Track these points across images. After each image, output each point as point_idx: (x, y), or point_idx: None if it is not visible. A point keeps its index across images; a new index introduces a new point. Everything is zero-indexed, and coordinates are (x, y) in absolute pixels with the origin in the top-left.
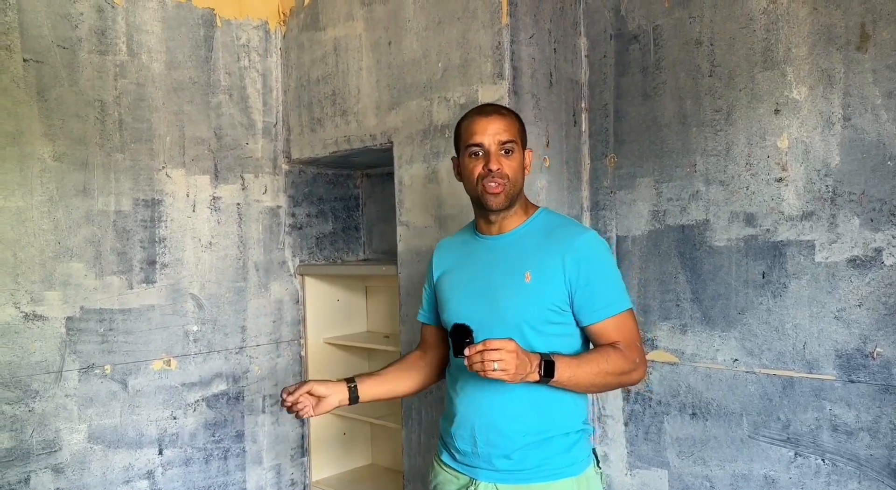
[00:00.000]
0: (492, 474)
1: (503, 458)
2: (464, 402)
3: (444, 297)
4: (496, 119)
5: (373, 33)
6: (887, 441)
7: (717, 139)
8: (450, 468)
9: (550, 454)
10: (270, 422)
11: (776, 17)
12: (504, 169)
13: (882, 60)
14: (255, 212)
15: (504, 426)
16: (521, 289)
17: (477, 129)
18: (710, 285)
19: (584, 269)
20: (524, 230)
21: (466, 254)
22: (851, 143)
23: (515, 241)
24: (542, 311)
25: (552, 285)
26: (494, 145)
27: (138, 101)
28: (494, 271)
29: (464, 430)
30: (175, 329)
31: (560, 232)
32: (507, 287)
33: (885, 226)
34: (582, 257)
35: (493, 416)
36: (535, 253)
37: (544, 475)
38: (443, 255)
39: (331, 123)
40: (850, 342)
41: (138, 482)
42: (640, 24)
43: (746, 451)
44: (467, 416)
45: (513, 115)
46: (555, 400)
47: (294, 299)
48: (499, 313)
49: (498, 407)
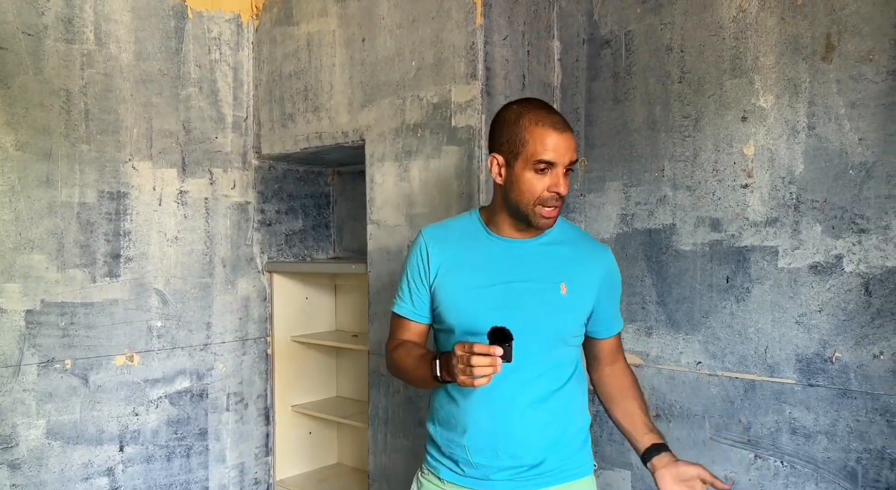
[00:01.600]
0: (508, 485)
1: (523, 468)
2: (483, 415)
3: (451, 298)
4: (568, 134)
5: (346, 29)
6: (844, 444)
7: (685, 145)
8: (452, 485)
9: (567, 454)
10: (234, 420)
11: (745, 26)
12: (565, 190)
13: (846, 71)
14: (223, 207)
15: (533, 439)
16: (559, 302)
17: (552, 145)
18: (675, 289)
19: (611, 286)
20: (549, 238)
21: (478, 251)
22: (815, 152)
23: (543, 249)
24: (577, 326)
25: (585, 299)
26: (563, 166)
27: (105, 91)
28: (521, 278)
29: (481, 442)
30: (138, 324)
31: (585, 245)
32: (543, 299)
33: (846, 233)
34: (610, 275)
35: (521, 429)
36: (568, 264)
37: (562, 477)
38: (440, 247)
39: (302, 119)
40: (810, 347)
41: (98, 479)
42: (612, 29)
43: (708, 453)
44: (488, 429)
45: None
46: (575, 404)
47: (261, 296)
48: (535, 326)
49: (525, 420)
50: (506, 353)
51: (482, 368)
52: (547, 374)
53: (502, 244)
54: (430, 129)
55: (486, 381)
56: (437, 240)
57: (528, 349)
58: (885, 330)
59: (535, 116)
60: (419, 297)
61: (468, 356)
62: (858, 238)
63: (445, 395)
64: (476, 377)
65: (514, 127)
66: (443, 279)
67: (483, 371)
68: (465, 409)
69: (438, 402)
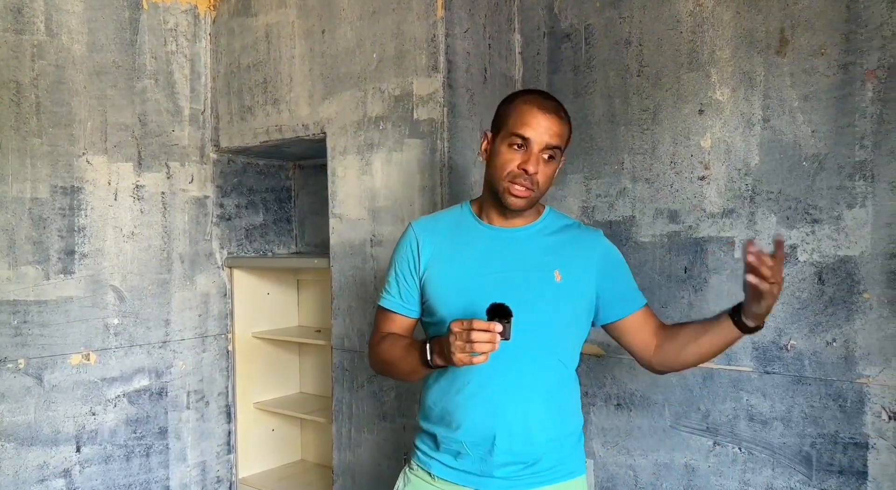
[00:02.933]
0: (502, 483)
1: (520, 465)
2: (478, 409)
3: (442, 288)
4: (553, 118)
5: (306, 21)
6: (799, 429)
7: (644, 138)
8: (443, 481)
9: (565, 453)
10: (195, 418)
11: (702, 20)
12: (539, 175)
13: (799, 64)
14: (181, 201)
15: (530, 434)
16: (553, 289)
17: (530, 121)
18: (635, 279)
19: (611, 267)
20: (539, 227)
21: (467, 241)
22: (770, 144)
23: (533, 237)
24: (572, 312)
25: (582, 285)
26: (540, 146)
27: (57, 83)
28: (513, 267)
29: (477, 437)
30: (95, 322)
31: (577, 232)
32: (536, 286)
33: (800, 223)
34: (607, 256)
35: (518, 423)
36: (559, 252)
37: (560, 475)
38: (431, 238)
39: (262, 112)
40: (766, 335)
41: (54, 481)
42: (572, 22)
43: (668, 441)
44: (484, 423)
45: (568, 118)
46: (572, 398)
47: (221, 292)
48: (530, 315)
49: (522, 413)
50: (505, 330)
51: (481, 345)
52: (545, 368)
53: (493, 233)
54: (392, 121)
55: (484, 358)
56: (427, 231)
57: (523, 339)
58: (838, 317)
59: (529, 98)
60: (408, 290)
61: (467, 332)
62: (812, 228)
63: (438, 391)
64: (474, 354)
65: (508, 106)
66: (433, 271)
67: (482, 347)
68: (460, 403)
69: (431, 399)
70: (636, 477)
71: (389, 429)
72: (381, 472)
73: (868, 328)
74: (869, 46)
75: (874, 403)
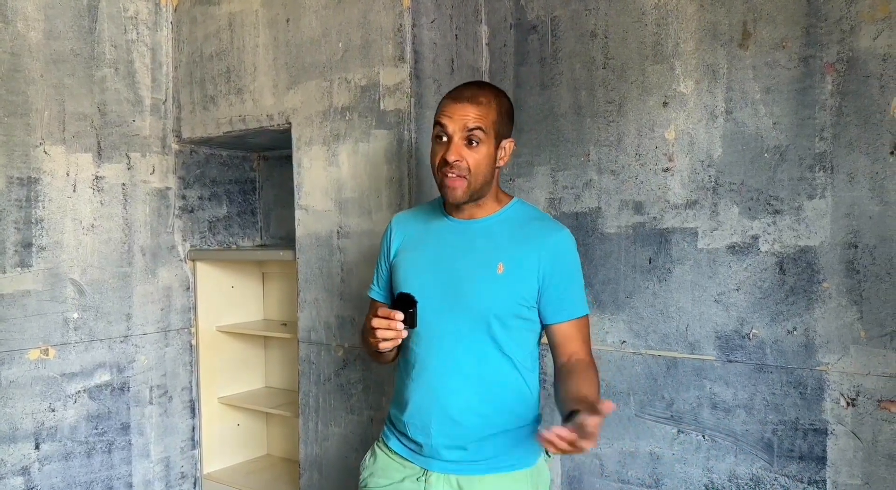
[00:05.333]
0: (445, 465)
1: (459, 449)
2: (419, 392)
3: (402, 276)
4: (467, 104)
5: (270, 9)
6: (761, 417)
7: (610, 130)
8: (398, 456)
9: (507, 445)
10: (158, 413)
11: (666, 13)
12: (466, 161)
13: (761, 57)
14: (142, 193)
15: (462, 418)
16: (493, 280)
17: (444, 111)
18: (601, 271)
19: (558, 267)
20: (497, 219)
21: (431, 232)
22: (733, 136)
23: (487, 229)
24: (512, 305)
25: (525, 279)
26: (458, 132)
27: (13, 71)
28: (462, 257)
29: (418, 420)
30: (53, 316)
31: (536, 225)
32: (476, 276)
33: (762, 214)
34: (558, 255)
35: (451, 407)
36: (508, 244)
37: (500, 466)
38: (403, 229)
39: (225, 102)
40: (728, 324)
41: (12, 479)
42: (538, 14)
43: (633, 429)
44: (423, 405)
45: (494, 99)
46: (512, 391)
47: (184, 286)
48: (465, 303)
49: (455, 398)
50: (408, 318)
51: (382, 331)
52: (484, 358)
53: (452, 225)
54: (358, 112)
55: (387, 344)
56: (402, 223)
57: (460, 328)
58: (798, 306)
59: (450, 91)
60: (384, 278)
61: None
62: (773, 219)
63: (398, 374)
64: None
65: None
66: (398, 259)
67: (383, 334)
68: (408, 385)
69: (396, 382)
70: (602, 465)
71: (357, 422)
72: (349, 466)
73: (827, 317)
74: (829, 40)
75: (833, 390)
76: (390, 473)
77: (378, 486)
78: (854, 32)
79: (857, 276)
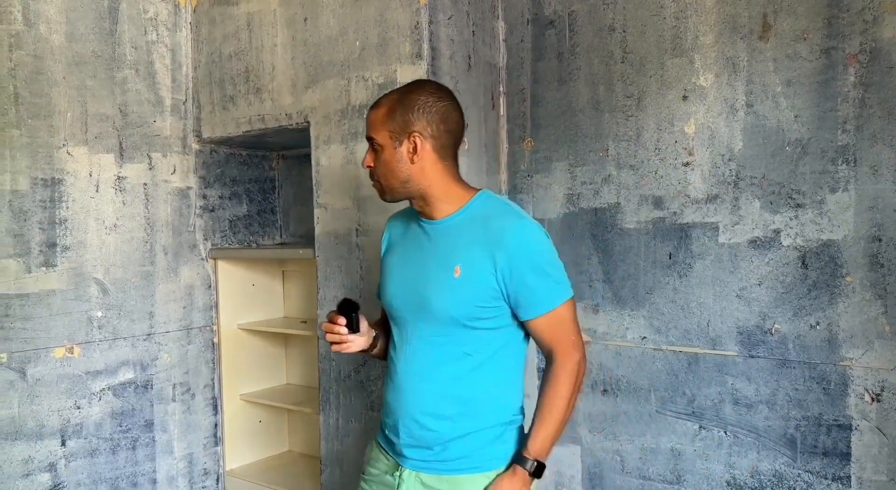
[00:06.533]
0: (415, 463)
1: (424, 449)
2: (392, 393)
3: (383, 279)
4: (371, 112)
5: (288, 9)
6: (783, 412)
7: (629, 124)
8: (383, 449)
9: (474, 447)
10: (181, 410)
11: (685, 6)
12: (374, 167)
13: (782, 50)
14: (164, 193)
15: (424, 421)
16: (450, 284)
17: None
18: (620, 266)
19: (518, 265)
20: (457, 219)
21: (408, 235)
22: (753, 129)
23: (448, 230)
24: (471, 309)
25: (482, 282)
26: (369, 141)
27: (36, 74)
28: (426, 261)
29: (390, 420)
30: (78, 315)
31: (493, 224)
32: (435, 281)
33: (784, 208)
34: (513, 254)
35: (414, 410)
36: (466, 245)
37: (467, 467)
38: (391, 232)
39: (244, 101)
40: (750, 319)
41: (39, 475)
42: (556, 9)
43: (654, 426)
44: (393, 406)
45: (391, 101)
46: (481, 395)
47: (206, 284)
48: (428, 308)
49: (418, 401)
50: (350, 323)
51: (330, 335)
52: (448, 360)
53: (422, 227)
54: None
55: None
56: (390, 225)
57: (424, 332)
58: (821, 301)
59: None
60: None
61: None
62: (795, 213)
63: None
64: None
65: None
66: (383, 261)
67: (330, 339)
68: (386, 385)
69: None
70: (623, 462)
71: (376, 418)
72: None
73: (851, 311)
74: (851, 31)
75: (857, 385)
76: (378, 465)
77: (370, 475)
78: (877, 23)
79: (881, 270)
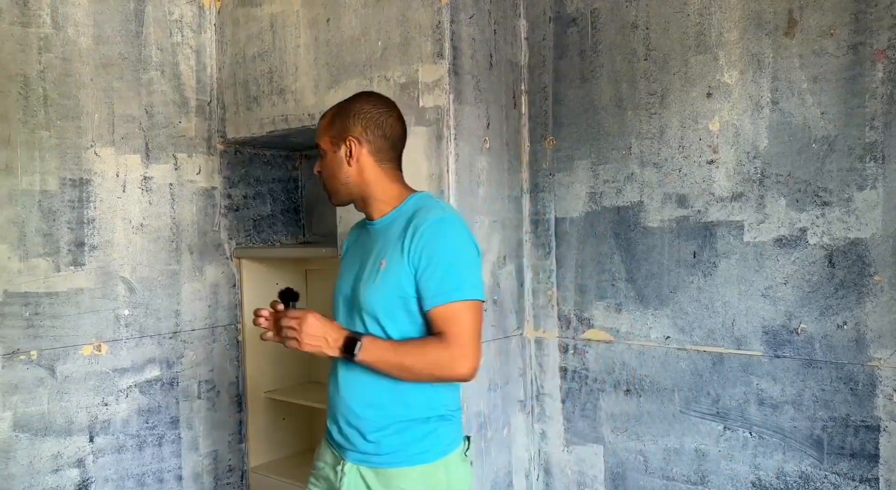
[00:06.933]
0: (355, 455)
1: (362, 440)
2: (332, 386)
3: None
4: (319, 121)
5: (310, 10)
6: (810, 413)
7: (652, 122)
8: (329, 444)
9: (407, 440)
10: (207, 408)
11: (709, 2)
12: (321, 172)
13: (808, 46)
14: (189, 193)
15: (360, 410)
16: (377, 276)
17: None
18: (643, 265)
19: (425, 255)
20: (390, 218)
21: (359, 238)
22: (779, 126)
23: (384, 228)
24: (391, 299)
25: (400, 272)
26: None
27: (64, 76)
28: (365, 259)
29: (331, 412)
30: (105, 313)
31: (417, 217)
32: (367, 276)
33: (810, 206)
34: (423, 242)
35: (350, 399)
36: (393, 240)
37: (399, 460)
38: (349, 238)
39: (268, 102)
40: (776, 319)
41: (68, 471)
42: (578, 7)
43: (678, 426)
44: (334, 398)
45: (330, 113)
46: (412, 386)
47: (230, 283)
48: (359, 302)
49: (353, 391)
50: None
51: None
52: None
53: (366, 227)
54: None
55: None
56: (352, 230)
57: (357, 326)
58: (848, 300)
59: None
60: None
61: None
62: (822, 211)
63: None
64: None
65: None
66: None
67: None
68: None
69: None
70: (646, 462)
71: None
72: None
73: (879, 311)
74: (879, 26)
75: (886, 386)
76: (325, 457)
77: (318, 469)
78: None
79: None
